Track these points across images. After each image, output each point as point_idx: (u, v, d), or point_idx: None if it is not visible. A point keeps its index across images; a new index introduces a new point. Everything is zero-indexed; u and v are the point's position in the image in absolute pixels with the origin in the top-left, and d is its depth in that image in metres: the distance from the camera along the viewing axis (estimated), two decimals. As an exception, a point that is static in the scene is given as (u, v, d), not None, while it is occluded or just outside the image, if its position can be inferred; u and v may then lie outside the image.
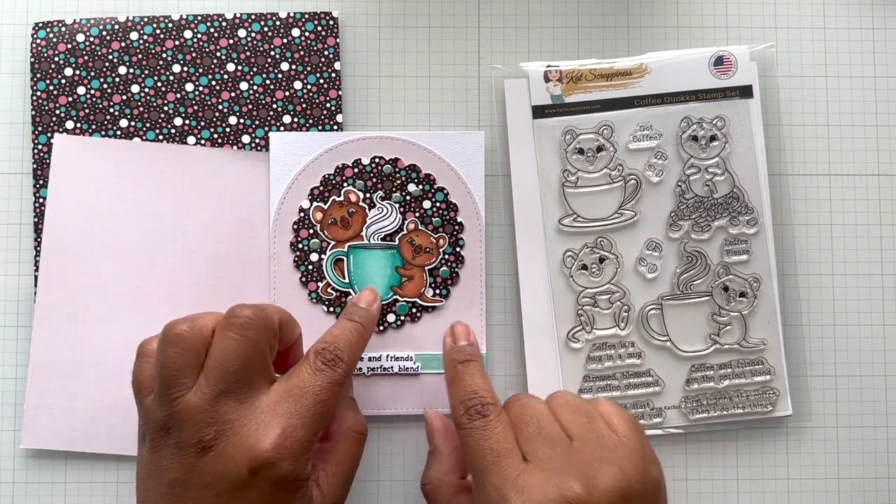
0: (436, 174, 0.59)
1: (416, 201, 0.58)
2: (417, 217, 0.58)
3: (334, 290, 0.58)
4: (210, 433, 0.45)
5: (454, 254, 0.58)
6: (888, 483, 0.61)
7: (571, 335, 0.60)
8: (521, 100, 0.60)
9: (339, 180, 0.58)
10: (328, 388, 0.47)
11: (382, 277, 0.58)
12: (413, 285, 0.58)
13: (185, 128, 0.60)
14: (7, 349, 0.60)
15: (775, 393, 0.60)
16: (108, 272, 0.59)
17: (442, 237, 0.58)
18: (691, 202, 0.60)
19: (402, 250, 0.58)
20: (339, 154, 0.59)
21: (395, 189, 0.58)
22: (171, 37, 0.60)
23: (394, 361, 0.58)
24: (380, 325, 0.58)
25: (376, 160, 0.59)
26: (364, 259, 0.58)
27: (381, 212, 0.58)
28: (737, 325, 0.60)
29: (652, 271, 0.60)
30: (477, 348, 0.53)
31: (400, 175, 0.58)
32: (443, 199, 0.59)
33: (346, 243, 0.58)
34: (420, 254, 0.58)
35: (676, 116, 0.60)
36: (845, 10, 0.63)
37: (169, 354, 0.46)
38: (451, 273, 0.58)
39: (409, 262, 0.58)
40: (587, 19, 0.62)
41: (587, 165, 0.60)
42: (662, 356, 0.60)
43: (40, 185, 0.59)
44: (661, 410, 0.59)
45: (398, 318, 0.58)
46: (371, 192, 0.58)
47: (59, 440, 0.59)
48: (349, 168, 0.58)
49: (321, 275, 0.58)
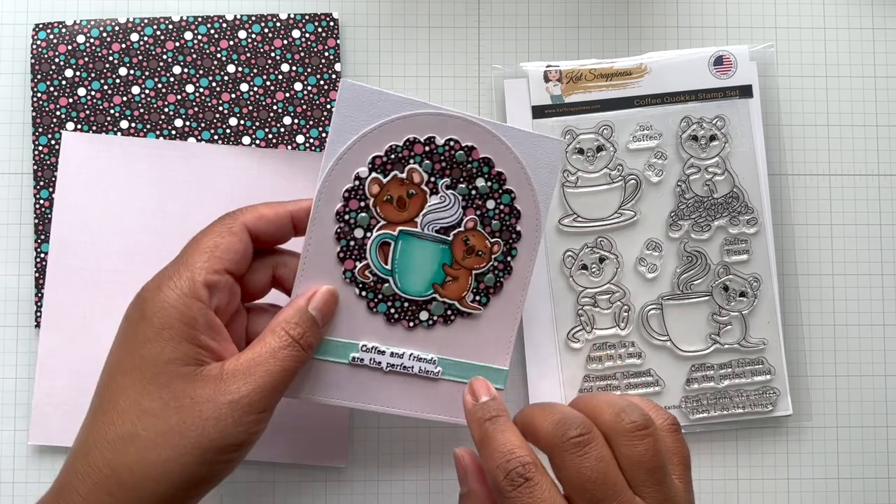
0: (507, 174, 0.53)
1: (482, 199, 0.53)
2: (478, 216, 0.53)
3: (372, 273, 0.52)
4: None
5: (504, 263, 0.54)
6: (888, 483, 0.61)
7: (571, 335, 0.60)
8: (520, 100, 0.60)
9: (405, 154, 0.52)
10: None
11: (427, 272, 0.53)
12: (456, 287, 0.53)
13: (185, 129, 0.60)
14: (7, 349, 0.60)
15: (775, 393, 0.60)
16: (116, 268, 0.59)
17: (497, 243, 0.53)
18: (691, 202, 0.60)
19: (455, 248, 0.53)
20: (414, 125, 0.52)
21: (463, 180, 0.53)
22: (172, 38, 0.60)
23: (415, 361, 0.53)
24: (410, 322, 0.53)
25: (451, 143, 0.53)
26: (413, 248, 0.53)
27: (442, 201, 0.53)
28: (737, 324, 0.60)
29: (652, 271, 0.60)
30: (500, 402, 0.49)
31: (472, 166, 0.53)
32: (508, 202, 0.53)
33: (397, 226, 0.52)
34: (471, 256, 0.53)
35: (676, 116, 0.60)
36: (845, 9, 0.63)
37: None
38: (496, 282, 0.54)
39: (457, 261, 0.53)
40: (587, 19, 0.62)
41: (587, 165, 0.60)
42: (662, 356, 0.60)
43: (41, 186, 0.59)
44: (661, 410, 0.60)
45: (431, 317, 0.53)
46: (437, 178, 0.53)
47: (67, 436, 0.59)
48: (420, 144, 0.52)
49: (362, 254, 0.52)
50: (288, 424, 0.59)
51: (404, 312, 0.53)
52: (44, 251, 0.59)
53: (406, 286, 0.53)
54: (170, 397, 0.45)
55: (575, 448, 0.45)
